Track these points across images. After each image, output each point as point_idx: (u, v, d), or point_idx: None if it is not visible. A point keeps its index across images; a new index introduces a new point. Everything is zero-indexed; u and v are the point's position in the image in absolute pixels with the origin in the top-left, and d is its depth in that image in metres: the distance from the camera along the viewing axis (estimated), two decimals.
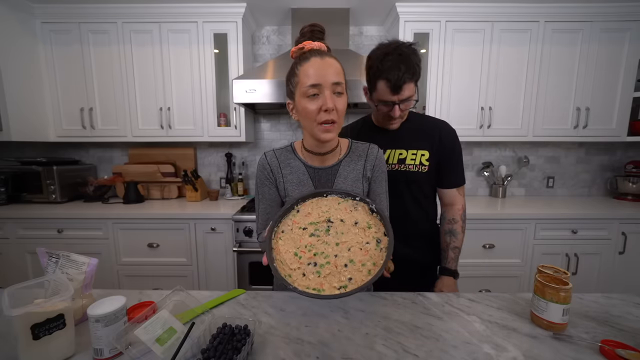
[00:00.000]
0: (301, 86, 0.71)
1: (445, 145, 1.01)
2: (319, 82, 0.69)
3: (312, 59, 0.70)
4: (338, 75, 0.71)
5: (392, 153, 1.02)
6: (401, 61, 0.87)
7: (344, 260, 0.61)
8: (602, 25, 2.00)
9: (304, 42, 0.74)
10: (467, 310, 0.78)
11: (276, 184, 0.83)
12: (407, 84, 0.89)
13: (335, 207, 0.70)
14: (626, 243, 1.86)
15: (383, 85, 0.90)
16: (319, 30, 0.76)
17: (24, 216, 1.85)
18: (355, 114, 2.43)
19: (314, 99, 0.70)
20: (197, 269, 1.89)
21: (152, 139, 2.15)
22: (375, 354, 0.62)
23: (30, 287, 0.63)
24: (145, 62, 2.06)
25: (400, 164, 1.01)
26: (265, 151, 0.86)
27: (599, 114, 2.08)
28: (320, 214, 0.69)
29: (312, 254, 0.62)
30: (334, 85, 0.70)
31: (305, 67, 0.70)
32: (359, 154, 0.84)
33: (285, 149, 0.86)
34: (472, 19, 1.99)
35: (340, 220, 0.68)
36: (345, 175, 0.82)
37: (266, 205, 0.84)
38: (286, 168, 0.83)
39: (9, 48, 1.87)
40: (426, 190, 1.05)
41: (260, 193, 0.84)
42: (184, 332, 0.58)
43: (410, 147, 1.01)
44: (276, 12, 2.13)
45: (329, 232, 0.66)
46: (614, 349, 0.60)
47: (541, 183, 2.47)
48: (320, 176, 0.82)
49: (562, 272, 0.75)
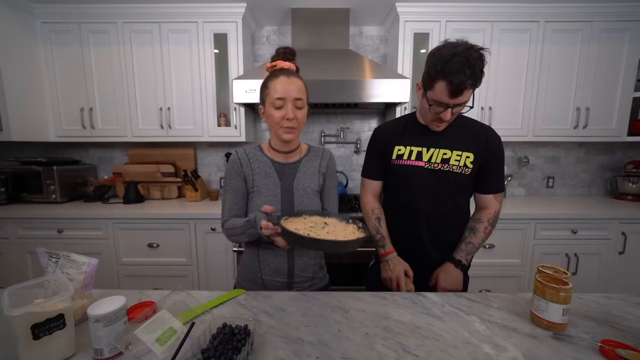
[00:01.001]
0: (270, 97, 0.87)
1: (491, 150, 0.99)
2: (284, 96, 0.85)
3: (281, 77, 0.86)
4: (300, 92, 0.87)
5: (436, 152, 0.99)
6: (468, 66, 0.82)
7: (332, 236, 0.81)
8: (602, 25, 2.00)
9: (277, 61, 0.90)
10: (467, 310, 0.78)
11: (245, 177, 0.95)
12: (467, 90, 0.86)
13: (333, 221, 0.90)
14: (626, 243, 1.86)
15: (443, 87, 0.86)
16: (290, 52, 0.93)
17: (24, 216, 1.85)
18: (355, 113, 2.43)
19: (279, 109, 0.86)
20: (197, 269, 1.89)
21: (152, 139, 2.15)
22: (375, 354, 0.62)
23: (30, 287, 0.63)
24: (145, 62, 2.06)
25: (444, 164, 0.98)
26: (236, 149, 0.97)
27: (599, 114, 2.08)
28: (320, 221, 0.88)
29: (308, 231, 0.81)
30: (295, 100, 0.86)
31: (274, 83, 0.86)
32: (316, 154, 1.01)
33: (254, 148, 0.99)
34: (472, 19, 1.99)
35: (334, 226, 0.86)
36: (305, 170, 0.97)
37: (232, 196, 0.94)
38: (255, 162, 0.96)
39: (9, 48, 1.87)
40: (464, 193, 1.03)
41: (229, 184, 0.94)
42: (184, 332, 0.58)
43: (455, 148, 0.98)
44: (276, 12, 2.13)
45: (324, 229, 0.83)
46: (614, 349, 0.60)
47: (541, 183, 2.47)
48: (284, 170, 0.96)
49: (562, 272, 0.75)
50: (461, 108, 0.92)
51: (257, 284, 0.96)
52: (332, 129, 2.45)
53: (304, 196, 0.94)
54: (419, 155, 1.00)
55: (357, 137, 2.44)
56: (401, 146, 1.02)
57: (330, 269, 1.09)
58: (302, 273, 0.96)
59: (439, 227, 1.02)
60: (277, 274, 0.95)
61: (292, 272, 0.95)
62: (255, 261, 0.96)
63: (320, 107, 2.20)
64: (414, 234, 1.04)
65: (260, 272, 0.95)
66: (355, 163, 2.49)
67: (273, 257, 0.94)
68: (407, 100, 1.75)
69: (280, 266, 0.94)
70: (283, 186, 0.94)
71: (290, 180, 0.95)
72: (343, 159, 2.48)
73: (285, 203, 0.93)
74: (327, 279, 1.05)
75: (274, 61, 0.91)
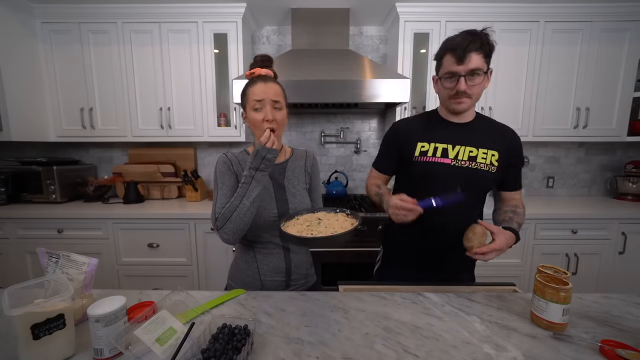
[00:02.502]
0: (249, 101, 0.90)
1: (515, 150, 1.01)
2: (262, 98, 0.88)
3: (258, 83, 0.90)
4: (277, 95, 0.91)
5: (462, 150, 0.96)
6: (469, 33, 0.86)
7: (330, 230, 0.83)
8: (602, 25, 2.00)
9: (255, 69, 0.94)
10: (467, 310, 0.78)
11: (236, 175, 0.96)
12: (473, 53, 0.85)
13: (324, 214, 0.94)
14: (626, 243, 1.86)
15: (449, 57, 0.88)
16: (267, 60, 0.97)
17: (24, 216, 1.85)
18: (355, 113, 2.43)
19: (259, 112, 0.89)
20: (197, 269, 1.89)
21: (152, 139, 2.15)
22: (375, 354, 0.62)
23: (30, 287, 0.63)
24: (145, 62, 2.06)
25: (471, 162, 0.96)
26: (224, 153, 1.00)
27: (599, 113, 2.08)
28: (313, 218, 0.91)
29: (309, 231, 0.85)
30: (273, 102, 0.89)
31: (253, 89, 0.90)
32: (301, 155, 1.06)
33: (241, 152, 1.01)
34: (472, 19, 1.99)
35: (327, 219, 0.90)
36: (292, 169, 1.02)
37: (226, 191, 0.92)
38: (244, 163, 0.98)
39: (9, 48, 1.87)
40: (486, 191, 1.04)
41: (221, 182, 0.94)
42: (184, 332, 0.58)
43: (481, 146, 0.97)
44: (276, 12, 2.13)
45: (320, 225, 0.86)
46: (614, 349, 0.60)
47: (541, 183, 2.47)
48: (273, 170, 0.99)
49: (562, 272, 0.75)
50: (477, 79, 0.88)
51: (255, 286, 0.96)
52: (332, 129, 2.45)
53: (295, 194, 0.98)
54: (444, 152, 0.97)
55: (357, 137, 2.44)
56: (425, 142, 0.99)
57: (331, 269, 1.09)
58: (297, 270, 0.99)
59: (459, 221, 0.95)
60: (276, 273, 0.96)
61: (290, 269, 0.98)
62: (253, 263, 0.97)
63: (320, 107, 2.20)
64: (433, 236, 1.01)
65: (259, 273, 0.96)
66: (356, 163, 2.49)
67: (270, 257, 0.96)
68: (407, 100, 1.75)
69: (279, 265, 0.96)
70: (275, 185, 0.98)
71: (281, 179, 0.99)
72: (343, 159, 2.48)
73: (280, 201, 0.97)
74: (315, 277, 1.09)
75: (252, 69, 0.95)
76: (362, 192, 2.46)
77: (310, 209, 0.98)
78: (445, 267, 1.04)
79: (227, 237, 0.88)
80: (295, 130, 2.45)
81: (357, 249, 1.75)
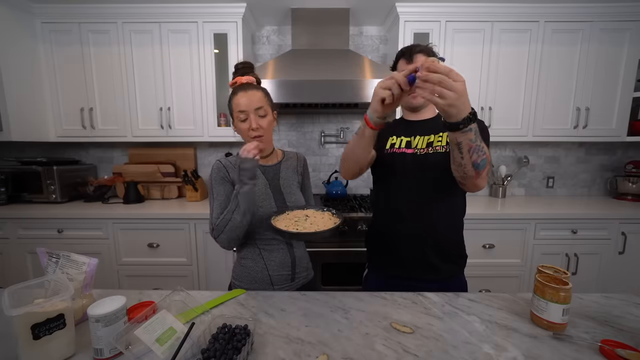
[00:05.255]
0: (235, 113, 0.94)
1: None
2: (245, 109, 0.91)
3: (240, 93, 0.93)
4: (260, 101, 0.93)
5: (420, 140, 1.03)
6: (415, 43, 1.02)
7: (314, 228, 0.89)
8: (602, 25, 2.00)
9: (236, 77, 0.97)
10: (467, 310, 0.78)
11: (232, 182, 0.97)
12: (420, 53, 0.96)
13: (312, 212, 1.00)
14: (626, 243, 1.86)
15: (401, 63, 1.01)
16: (247, 67, 0.99)
17: (24, 216, 1.85)
18: (355, 113, 2.43)
19: (244, 122, 0.93)
20: (197, 269, 1.89)
21: (152, 139, 2.15)
22: (375, 354, 0.62)
23: (30, 287, 0.63)
24: (146, 62, 2.06)
25: (429, 148, 1.01)
26: (218, 159, 1.02)
27: (599, 114, 2.08)
28: (302, 214, 0.97)
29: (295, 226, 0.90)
30: (257, 110, 0.92)
31: (235, 99, 0.93)
32: (292, 157, 1.11)
33: (234, 157, 1.02)
34: (472, 19, 1.99)
35: (314, 216, 0.96)
36: (285, 169, 1.07)
37: (221, 201, 0.95)
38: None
39: (9, 48, 1.87)
40: (451, 177, 0.93)
41: (217, 192, 0.97)
42: (184, 332, 0.58)
43: (435, 132, 1.03)
44: (276, 12, 2.13)
45: (307, 221, 0.92)
46: (614, 349, 0.60)
47: (541, 183, 2.47)
48: (268, 172, 1.04)
49: (562, 272, 0.75)
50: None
51: (264, 282, 0.98)
52: (332, 129, 2.45)
53: (291, 193, 1.04)
54: (408, 143, 1.06)
55: None
56: (394, 136, 1.08)
57: (329, 269, 1.09)
58: (300, 264, 1.04)
59: (430, 215, 1.00)
60: (283, 268, 1.00)
61: (295, 263, 1.02)
62: (260, 260, 0.99)
63: (320, 107, 2.20)
64: (414, 242, 1.01)
65: (267, 269, 0.99)
66: None
67: (276, 252, 1.00)
68: None
69: (285, 259, 1.00)
70: (271, 185, 1.03)
71: (277, 180, 1.04)
72: None
73: (278, 200, 1.02)
74: (313, 272, 1.13)
75: (234, 78, 0.98)
76: (363, 192, 2.46)
77: (302, 205, 1.03)
78: (429, 274, 1.02)
79: (223, 245, 0.94)
80: (295, 130, 2.45)
81: (357, 248, 1.75)
